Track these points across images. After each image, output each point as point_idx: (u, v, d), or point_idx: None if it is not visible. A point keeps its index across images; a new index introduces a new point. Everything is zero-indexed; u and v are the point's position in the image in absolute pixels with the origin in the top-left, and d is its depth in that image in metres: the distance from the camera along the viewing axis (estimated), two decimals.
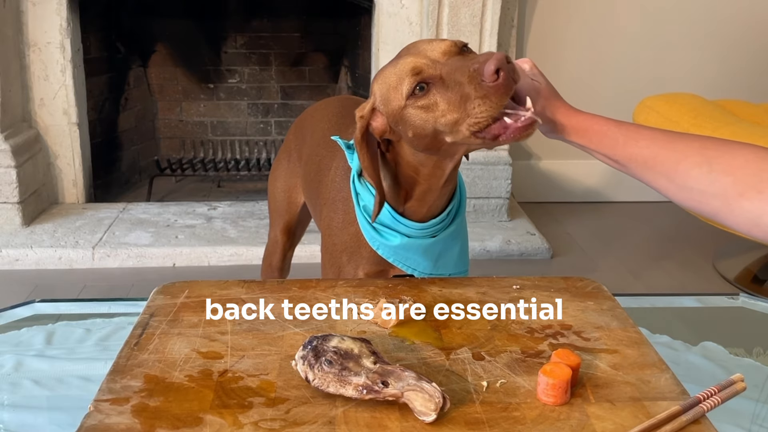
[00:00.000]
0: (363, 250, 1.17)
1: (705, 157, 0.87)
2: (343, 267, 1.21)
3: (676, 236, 2.98)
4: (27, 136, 2.81)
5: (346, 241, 1.20)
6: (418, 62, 0.98)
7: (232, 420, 0.74)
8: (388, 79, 1.02)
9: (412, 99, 0.98)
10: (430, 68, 0.97)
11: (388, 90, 1.01)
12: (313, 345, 0.79)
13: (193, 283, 1.05)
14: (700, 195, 0.88)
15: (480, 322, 0.95)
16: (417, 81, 0.97)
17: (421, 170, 1.08)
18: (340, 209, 1.22)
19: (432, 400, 0.73)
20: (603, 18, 3.18)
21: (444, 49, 0.99)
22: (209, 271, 2.56)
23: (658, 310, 1.43)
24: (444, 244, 1.16)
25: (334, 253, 1.23)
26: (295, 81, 3.61)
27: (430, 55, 0.99)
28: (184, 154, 3.59)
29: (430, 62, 0.98)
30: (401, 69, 0.99)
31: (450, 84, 0.95)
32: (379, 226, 1.13)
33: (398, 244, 1.13)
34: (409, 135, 1.02)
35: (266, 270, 1.76)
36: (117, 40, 3.33)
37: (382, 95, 1.03)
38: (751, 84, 3.25)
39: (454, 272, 1.19)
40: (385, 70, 1.03)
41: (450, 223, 1.16)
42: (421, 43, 1.03)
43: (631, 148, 0.94)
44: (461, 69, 0.94)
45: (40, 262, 2.56)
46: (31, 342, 1.24)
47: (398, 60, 1.02)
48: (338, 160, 1.28)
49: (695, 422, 0.75)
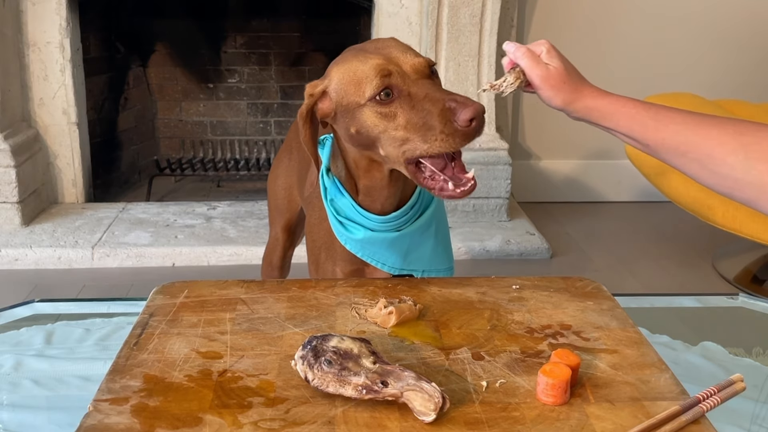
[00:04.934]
0: (337, 246, 1.17)
1: (740, 143, 0.86)
2: (321, 264, 1.21)
3: (676, 236, 2.98)
4: (26, 135, 2.81)
5: (321, 238, 1.21)
6: (390, 68, 0.99)
7: (231, 420, 0.74)
8: (352, 71, 1.02)
9: (373, 102, 0.99)
10: (399, 80, 0.99)
11: (349, 83, 1.02)
12: (313, 345, 0.79)
13: (193, 283, 1.05)
14: (734, 182, 0.87)
15: (480, 322, 0.95)
16: (384, 86, 0.98)
17: (358, 164, 1.09)
18: (315, 206, 1.23)
19: (431, 400, 0.73)
20: (603, 18, 3.18)
21: (417, 67, 1.01)
22: (209, 271, 2.56)
23: (657, 310, 1.43)
24: (412, 239, 1.15)
25: (313, 250, 1.24)
26: (295, 81, 3.61)
27: (403, 67, 1.00)
28: (184, 154, 3.59)
29: (402, 74, 0.99)
30: (370, 68, 1.00)
31: (416, 105, 0.97)
32: (345, 219, 1.13)
33: (362, 237, 1.12)
34: (351, 131, 1.03)
35: (266, 268, 1.75)
36: (117, 39, 3.33)
37: (340, 84, 1.03)
38: (751, 84, 3.25)
39: (430, 269, 1.18)
40: (349, 60, 1.03)
41: (417, 217, 1.15)
42: (394, 47, 1.04)
43: (662, 133, 0.92)
44: (433, 98, 0.96)
45: (40, 261, 2.56)
46: (30, 342, 1.24)
47: (367, 57, 1.02)
48: None
49: (695, 422, 0.75)
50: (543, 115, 3.22)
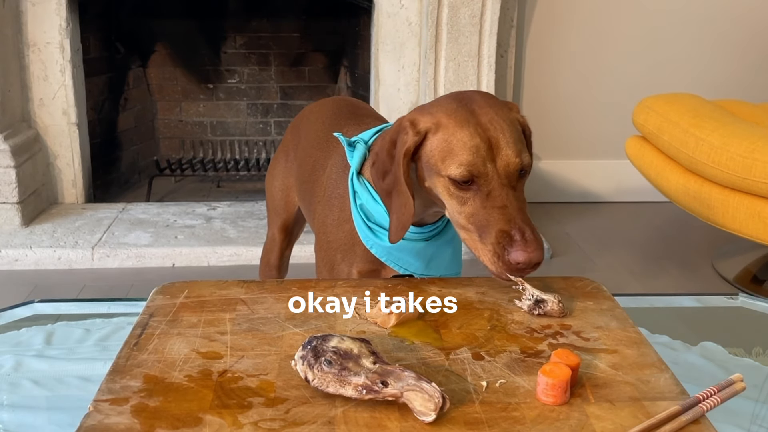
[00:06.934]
0: (357, 249, 1.17)
1: None
2: (337, 265, 1.21)
3: (675, 236, 2.98)
4: (26, 136, 2.81)
5: (340, 239, 1.20)
6: (480, 166, 0.97)
7: (231, 420, 0.74)
8: (451, 138, 0.99)
9: (451, 181, 0.99)
10: (485, 178, 0.97)
11: (443, 147, 1.00)
12: (313, 345, 0.79)
13: (193, 283, 1.05)
14: None
15: (479, 323, 0.95)
16: (467, 178, 0.98)
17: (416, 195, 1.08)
18: (335, 207, 1.22)
19: (431, 400, 0.73)
20: (603, 18, 3.18)
21: (509, 168, 0.98)
22: (209, 271, 2.56)
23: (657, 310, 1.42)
24: (437, 248, 1.16)
25: (328, 251, 1.23)
26: (295, 81, 3.61)
27: (498, 162, 0.98)
28: (184, 155, 3.59)
29: (491, 172, 0.97)
30: (465, 147, 0.97)
31: (488, 207, 0.96)
32: (374, 225, 1.13)
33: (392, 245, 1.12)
34: (425, 183, 1.04)
35: (264, 268, 1.76)
36: (116, 40, 3.33)
37: (436, 141, 1.01)
38: (751, 84, 3.26)
39: (446, 274, 1.20)
40: (456, 122, 1.00)
41: (444, 228, 1.16)
42: (503, 130, 0.99)
43: None
44: (506, 215, 0.95)
45: (40, 262, 2.56)
46: (30, 342, 1.24)
47: (472, 132, 0.98)
48: (335, 158, 1.28)
49: (695, 422, 0.75)
50: (543, 115, 3.22)
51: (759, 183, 2.09)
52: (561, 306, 0.96)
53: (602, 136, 3.26)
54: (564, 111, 3.23)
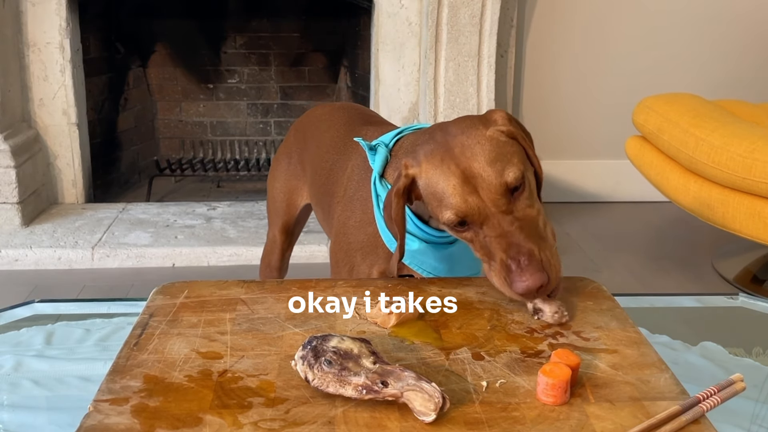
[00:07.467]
0: (380, 251, 1.17)
1: None
2: (357, 266, 1.21)
3: (675, 236, 2.98)
4: (26, 136, 2.81)
5: (362, 241, 1.20)
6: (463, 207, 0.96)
7: (231, 420, 0.74)
8: (434, 184, 0.99)
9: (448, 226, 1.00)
10: (473, 214, 0.97)
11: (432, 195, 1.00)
12: (313, 345, 0.79)
13: (193, 283, 1.05)
14: None
15: (479, 323, 0.95)
16: (458, 221, 0.98)
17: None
18: (357, 208, 1.22)
19: (431, 400, 0.73)
20: (603, 18, 3.18)
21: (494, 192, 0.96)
22: (209, 271, 2.56)
23: (657, 310, 1.42)
24: (461, 251, 1.16)
25: (348, 251, 1.23)
26: (295, 81, 3.61)
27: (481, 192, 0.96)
28: (184, 155, 3.59)
29: (476, 206, 0.96)
30: (446, 190, 0.97)
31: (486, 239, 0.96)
32: None
33: (417, 248, 1.13)
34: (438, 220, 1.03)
35: (264, 269, 1.75)
36: (116, 40, 3.33)
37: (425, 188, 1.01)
38: (751, 84, 3.26)
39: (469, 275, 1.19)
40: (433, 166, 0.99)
41: None
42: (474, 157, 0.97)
43: None
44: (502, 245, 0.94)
45: (40, 262, 2.56)
46: (30, 342, 1.23)
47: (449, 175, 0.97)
48: (355, 160, 1.28)
49: (695, 422, 0.75)
50: (543, 115, 3.22)
51: (759, 183, 2.09)
52: (558, 316, 0.95)
53: (602, 136, 3.26)
54: (564, 111, 3.23)
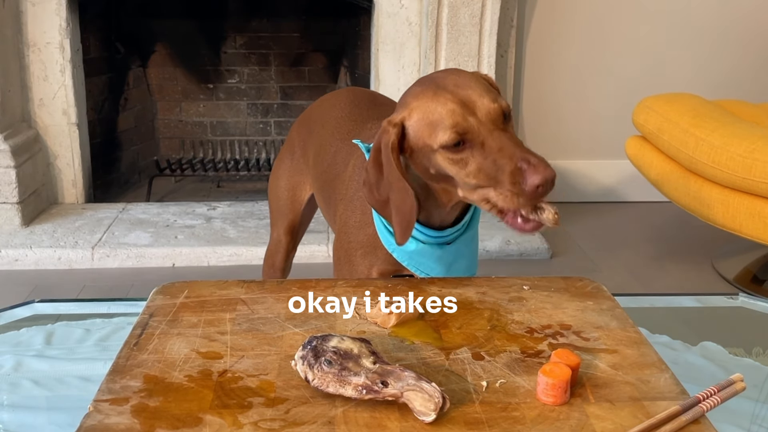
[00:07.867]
0: (379, 251, 1.17)
1: None
2: (357, 265, 1.21)
3: (675, 236, 2.98)
4: (26, 136, 2.81)
5: (361, 241, 1.20)
6: (464, 120, 0.98)
7: (231, 420, 0.74)
8: (428, 111, 1.01)
9: (445, 150, 0.99)
10: (473, 131, 0.98)
11: (425, 124, 1.01)
12: (313, 345, 0.79)
13: (193, 283, 1.05)
14: None
15: (479, 323, 0.95)
16: (457, 139, 0.98)
17: (430, 189, 1.09)
18: (357, 208, 1.22)
19: (431, 400, 0.73)
20: (603, 18, 3.18)
21: (492, 114, 0.99)
22: (208, 271, 2.56)
23: (657, 310, 1.42)
24: (457, 252, 1.16)
25: (348, 251, 1.23)
26: (295, 81, 3.61)
27: (478, 114, 0.99)
28: (184, 155, 3.59)
29: (476, 124, 0.98)
30: (446, 115, 0.99)
31: (488, 157, 0.97)
32: None
33: (414, 249, 1.13)
34: (430, 171, 1.04)
35: (268, 270, 1.73)
36: (116, 40, 3.33)
37: (417, 123, 1.02)
38: (751, 84, 3.26)
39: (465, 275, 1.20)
40: (427, 99, 1.01)
41: (465, 231, 1.17)
42: (472, 87, 1.01)
43: None
44: (507, 154, 0.96)
45: (40, 262, 2.56)
46: (30, 342, 1.23)
47: (445, 99, 1.00)
48: (356, 158, 1.28)
49: (695, 422, 0.75)
50: (543, 115, 3.22)
51: (759, 183, 2.09)
52: (558, 216, 0.98)
53: (602, 136, 3.26)
54: (564, 111, 3.23)
